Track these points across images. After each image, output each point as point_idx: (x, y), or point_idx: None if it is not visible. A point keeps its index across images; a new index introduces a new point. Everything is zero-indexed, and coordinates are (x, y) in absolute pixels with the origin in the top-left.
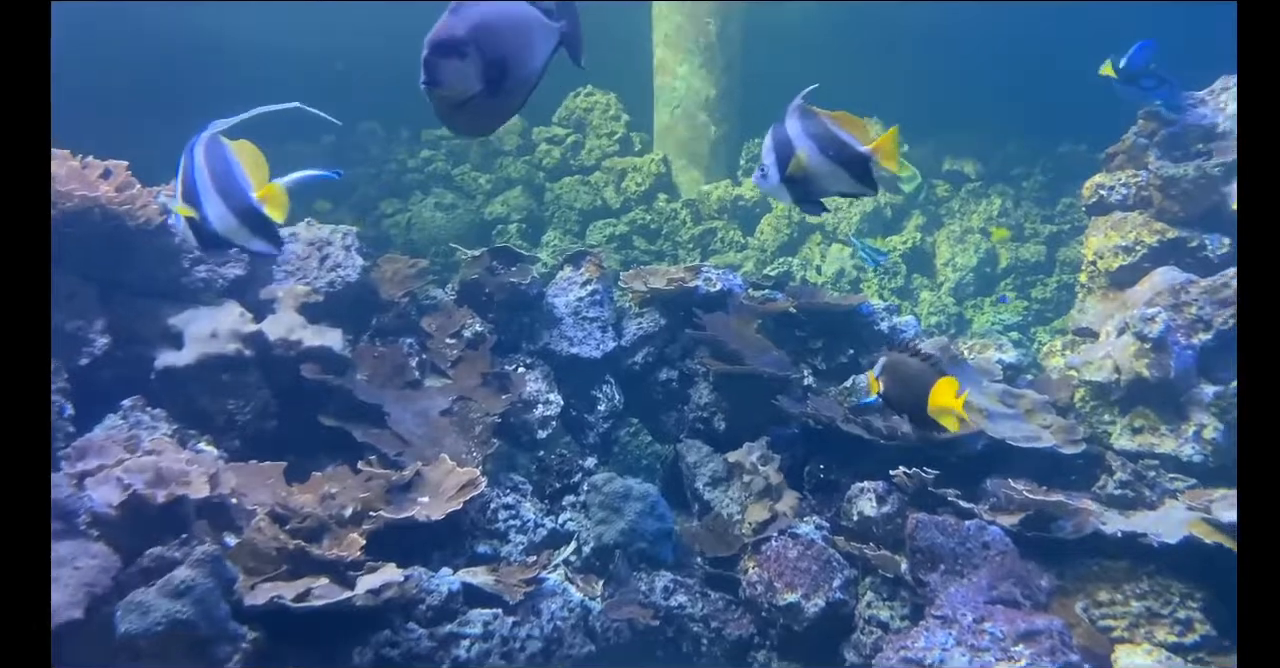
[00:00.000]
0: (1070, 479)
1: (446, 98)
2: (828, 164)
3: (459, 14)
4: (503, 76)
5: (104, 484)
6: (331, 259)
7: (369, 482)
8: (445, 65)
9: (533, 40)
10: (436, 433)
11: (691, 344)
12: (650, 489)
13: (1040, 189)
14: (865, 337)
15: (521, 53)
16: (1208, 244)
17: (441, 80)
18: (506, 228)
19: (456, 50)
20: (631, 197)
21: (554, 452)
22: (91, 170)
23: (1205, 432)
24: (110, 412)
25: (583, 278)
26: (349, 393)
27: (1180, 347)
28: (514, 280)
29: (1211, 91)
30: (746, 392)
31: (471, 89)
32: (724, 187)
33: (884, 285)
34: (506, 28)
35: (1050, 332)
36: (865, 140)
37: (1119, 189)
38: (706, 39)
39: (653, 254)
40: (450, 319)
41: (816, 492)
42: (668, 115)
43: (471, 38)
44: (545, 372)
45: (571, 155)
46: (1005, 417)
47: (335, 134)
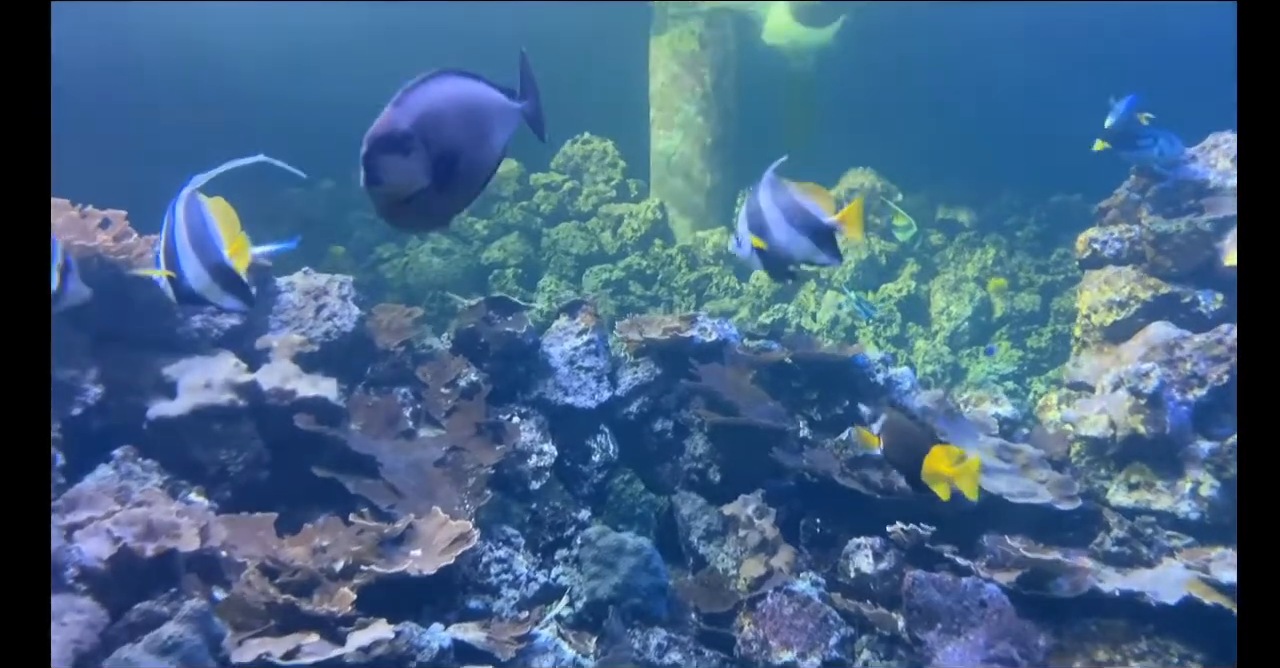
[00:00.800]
0: (1067, 535)
1: (390, 196)
2: (794, 234)
3: (403, 105)
4: (452, 170)
5: (94, 537)
6: (328, 309)
7: (361, 534)
8: (387, 162)
9: (488, 128)
10: (430, 484)
11: (687, 394)
12: (644, 543)
13: (1034, 239)
14: (861, 388)
15: (474, 142)
16: (1201, 300)
17: (383, 178)
18: (503, 273)
19: (399, 146)
20: (628, 242)
21: (547, 504)
22: (90, 220)
23: (1201, 489)
24: (102, 462)
25: (578, 327)
26: (342, 443)
27: (1175, 402)
28: (510, 330)
29: (1203, 148)
30: (742, 443)
31: (417, 185)
32: (719, 233)
33: (879, 333)
34: (457, 116)
35: (1045, 382)
36: (831, 211)
37: (1112, 244)
38: (703, 88)
39: (648, 299)
40: (445, 368)
41: (813, 546)
42: (664, 162)
43: (417, 131)
44: (540, 421)
45: (569, 201)
46: (1002, 472)
47: (334, 179)
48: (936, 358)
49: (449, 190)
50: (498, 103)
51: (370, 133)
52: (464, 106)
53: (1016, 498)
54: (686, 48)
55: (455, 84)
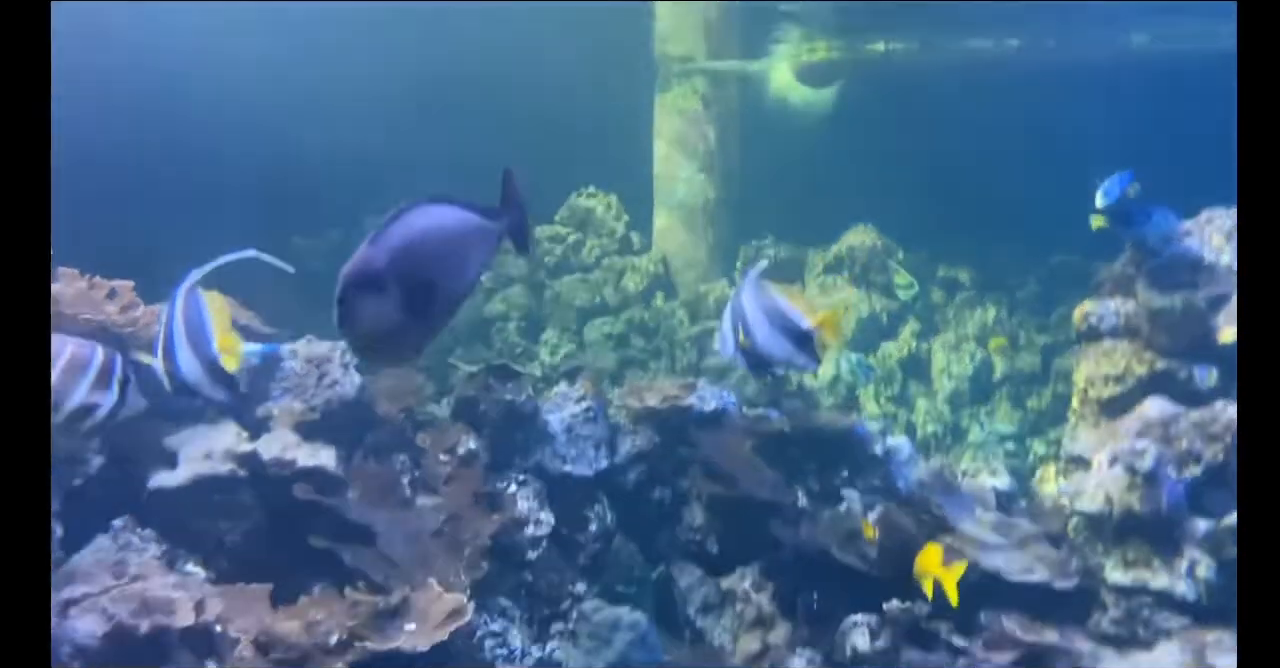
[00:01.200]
0: (1064, 614)
1: (363, 335)
2: (774, 337)
3: (378, 243)
4: (427, 305)
5: (89, 613)
6: (329, 376)
7: (355, 608)
8: (361, 303)
9: (466, 256)
10: (426, 555)
11: (685, 463)
12: (640, 619)
13: (1035, 298)
14: (860, 459)
15: (451, 273)
16: (1196, 375)
17: (357, 319)
18: (505, 326)
19: (373, 285)
20: (630, 295)
21: (544, 575)
22: (98, 291)
23: (1199, 569)
24: (101, 532)
25: (577, 394)
26: (340, 513)
27: (1171, 481)
28: (510, 397)
29: (1198, 223)
30: (740, 514)
31: (390, 323)
32: (721, 288)
33: (880, 393)
34: (434, 249)
35: (1046, 443)
36: (810, 316)
37: (1109, 317)
38: (705, 146)
39: (650, 352)
40: (445, 436)
41: (810, 622)
42: (667, 216)
43: (391, 269)
44: (538, 490)
45: (572, 253)
46: (999, 548)
47: (342, 230)
48: (938, 417)
49: (423, 324)
50: (477, 228)
51: (345, 273)
52: (441, 238)
53: (1014, 576)
54: (690, 106)
55: (432, 215)
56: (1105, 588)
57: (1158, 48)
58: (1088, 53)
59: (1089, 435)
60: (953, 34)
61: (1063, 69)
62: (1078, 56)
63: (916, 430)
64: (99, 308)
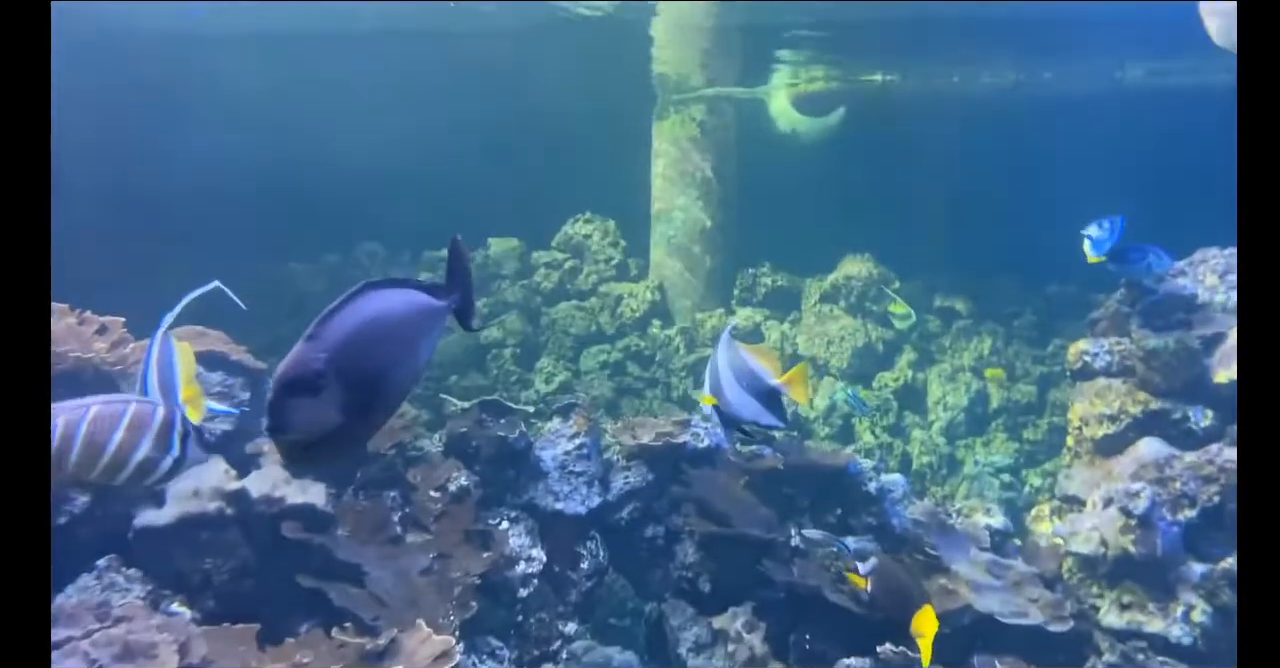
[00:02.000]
0: (1058, 658)
1: (298, 442)
2: (743, 395)
3: (317, 338)
4: (371, 400)
5: (70, 658)
6: None
7: (342, 649)
8: (295, 407)
9: (415, 342)
10: (415, 594)
11: (678, 501)
12: (631, 660)
13: (1031, 328)
14: (854, 496)
15: (397, 361)
16: (1191, 416)
17: (290, 425)
18: (501, 353)
19: (310, 387)
20: (626, 322)
21: (534, 614)
22: (88, 326)
23: (1194, 614)
24: (86, 571)
25: (570, 431)
26: (329, 551)
27: (1166, 523)
28: (502, 434)
29: (1191, 263)
30: (733, 552)
31: (328, 425)
32: (718, 315)
33: (876, 423)
34: (378, 338)
35: (1041, 474)
36: (777, 374)
37: (1103, 356)
38: (703, 173)
39: (646, 381)
40: (436, 472)
41: (802, 663)
42: (664, 244)
43: (331, 367)
44: (529, 527)
45: (569, 279)
46: (993, 589)
47: (338, 254)
48: (933, 449)
49: (366, 421)
50: (424, 310)
51: (278, 375)
52: (386, 325)
53: (1008, 618)
54: (687, 133)
55: (375, 301)
56: (1100, 631)
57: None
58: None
59: (1083, 474)
60: (950, 66)
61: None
62: (1074, 89)
63: (912, 461)
64: (88, 345)
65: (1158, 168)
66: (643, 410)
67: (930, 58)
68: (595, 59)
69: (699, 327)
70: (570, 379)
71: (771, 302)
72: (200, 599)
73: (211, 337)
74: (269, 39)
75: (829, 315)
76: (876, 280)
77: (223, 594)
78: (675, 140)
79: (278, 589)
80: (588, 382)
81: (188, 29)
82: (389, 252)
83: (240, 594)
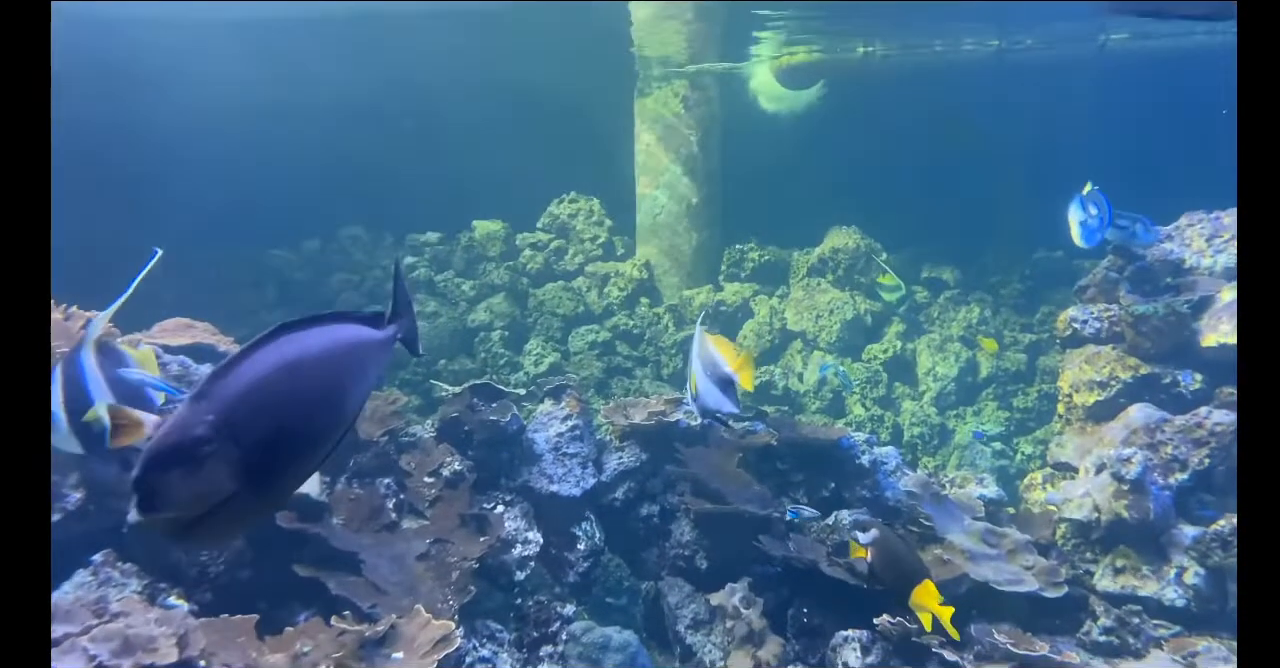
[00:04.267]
0: (1054, 622)
1: (175, 521)
2: (709, 385)
3: (205, 398)
4: (276, 461)
5: (69, 655)
6: None
7: (342, 637)
8: (169, 480)
9: (339, 386)
10: (412, 580)
11: (673, 479)
12: (630, 639)
13: (1019, 296)
14: (847, 470)
15: (316, 410)
16: (1181, 380)
17: (164, 502)
18: (489, 335)
19: (188, 456)
20: (614, 302)
21: (532, 598)
22: (74, 321)
23: (1186, 576)
24: (81, 567)
25: (563, 413)
26: (325, 540)
27: (1158, 487)
28: (494, 418)
29: (1178, 227)
30: (729, 529)
31: (217, 495)
32: (706, 292)
33: (866, 395)
34: (291, 388)
35: (1032, 443)
36: (733, 362)
37: (1092, 323)
38: (687, 149)
39: (635, 360)
40: (429, 457)
41: (800, 637)
42: (650, 221)
43: (221, 429)
44: (525, 509)
45: (555, 260)
46: (988, 558)
47: (319, 240)
48: (923, 420)
49: (271, 485)
50: (357, 346)
51: (147, 448)
52: (300, 372)
53: (1004, 586)
54: (670, 110)
55: (287, 346)
56: (1095, 596)
57: (1137, 45)
58: (1067, 51)
59: (1075, 441)
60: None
61: (1042, 67)
62: (1057, 55)
63: (903, 433)
64: (74, 339)
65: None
66: (633, 390)
67: (911, 27)
68: (574, 36)
69: (687, 304)
70: (559, 361)
71: (759, 276)
72: (197, 592)
73: (199, 328)
74: (245, 25)
75: (817, 289)
76: (864, 252)
77: (219, 586)
78: (658, 117)
79: (274, 580)
80: (577, 362)
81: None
82: (370, 235)
83: (237, 586)
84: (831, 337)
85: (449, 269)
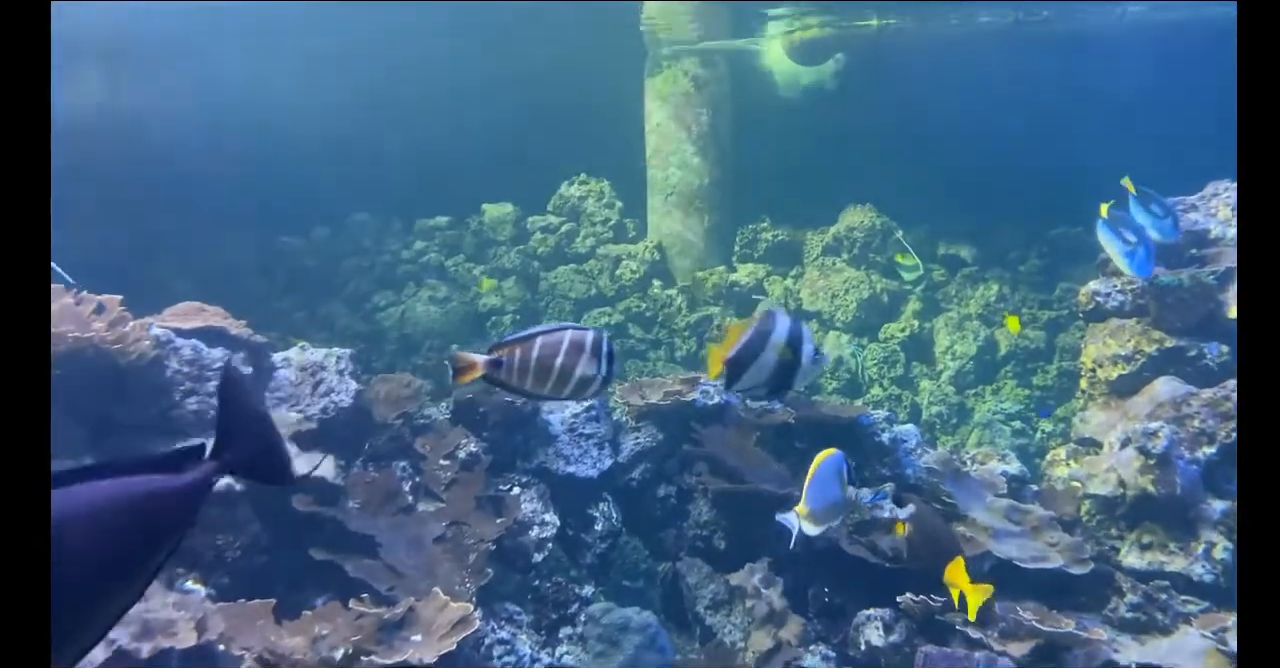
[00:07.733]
0: (1080, 600)
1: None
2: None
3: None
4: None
5: None
6: (325, 384)
7: (360, 620)
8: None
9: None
10: (430, 562)
11: (690, 459)
12: (649, 620)
13: (1037, 273)
14: (866, 448)
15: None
16: (1207, 353)
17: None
18: (501, 320)
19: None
20: (626, 284)
21: (550, 578)
22: (85, 306)
23: (1215, 551)
24: None
25: None
26: (341, 523)
27: (1184, 461)
28: (509, 399)
29: (1202, 197)
30: (747, 509)
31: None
32: (719, 273)
33: (884, 374)
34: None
35: (1053, 420)
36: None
37: (1115, 296)
38: (698, 128)
39: (649, 342)
40: (444, 440)
41: (821, 616)
42: (661, 203)
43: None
44: (541, 491)
45: (566, 243)
46: (1011, 535)
47: (329, 226)
48: (942, 399)
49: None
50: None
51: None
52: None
53: (1028, 563)
54: (680, 89)
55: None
56: (1121, 573)
57: (1156, 17)
58: (1085, 22)
59: (1099, 417)
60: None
61: (1059, 40)
62: (1075, 27)
63: (921, 412)
64: (86, 325)
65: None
66: (646, 372)
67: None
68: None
69: (700, 285)
70: None
71: (773, 257)
72: (214, 576)
73: (210, 312)
74: (251, 11)
75: (832, 268)
76: (880, 231)
77: (236, 571)
78: (668, 97)
79: (291, 564)
80: None
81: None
82: (379, 221)
83: (254, 570)
84: (848, 316)
85: (459, 254)
